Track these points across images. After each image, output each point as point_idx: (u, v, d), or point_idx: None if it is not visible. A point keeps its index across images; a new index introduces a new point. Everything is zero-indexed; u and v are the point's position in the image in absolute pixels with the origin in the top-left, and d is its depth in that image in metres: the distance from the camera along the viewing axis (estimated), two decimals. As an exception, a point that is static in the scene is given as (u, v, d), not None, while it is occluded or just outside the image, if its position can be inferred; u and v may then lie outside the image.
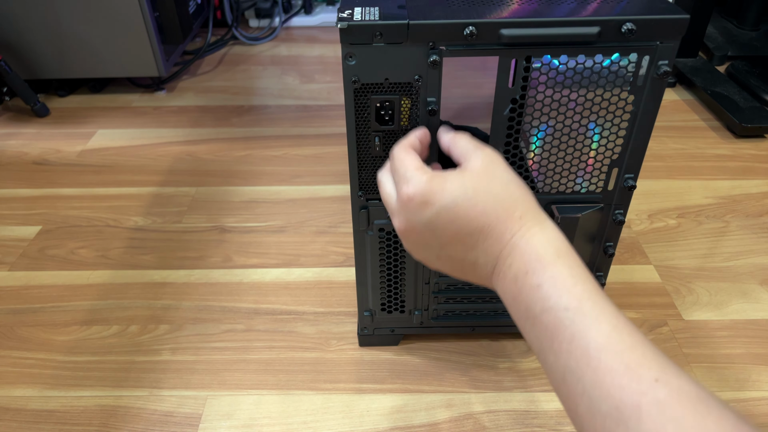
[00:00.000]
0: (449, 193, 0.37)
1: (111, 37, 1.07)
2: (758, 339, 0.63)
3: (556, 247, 0.35)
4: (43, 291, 0.71)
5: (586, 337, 0.31)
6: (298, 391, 0.58)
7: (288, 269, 0.74)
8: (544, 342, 0.33)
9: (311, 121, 1.09)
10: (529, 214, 0.37)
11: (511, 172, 0.38)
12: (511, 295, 0.36)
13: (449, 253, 0.38)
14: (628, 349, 0.30)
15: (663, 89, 0.43)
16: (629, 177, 0.48)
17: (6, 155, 0.99)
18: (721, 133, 1.02)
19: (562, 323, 0.32)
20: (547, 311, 0.33)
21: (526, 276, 0.34)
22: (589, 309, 0.32)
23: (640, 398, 0.28)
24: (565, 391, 0.32)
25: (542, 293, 0.33)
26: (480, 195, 0.36)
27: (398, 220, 0.40)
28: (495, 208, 0.36)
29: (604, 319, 0.31)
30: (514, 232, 0.36)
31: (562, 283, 0.33)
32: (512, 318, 0.36)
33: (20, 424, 0.56)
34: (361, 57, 0.42)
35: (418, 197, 0.37)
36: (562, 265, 0.34)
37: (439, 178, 0.37)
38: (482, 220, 0.36)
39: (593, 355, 0.30)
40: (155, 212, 0.84)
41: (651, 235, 0.78)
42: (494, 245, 0.36)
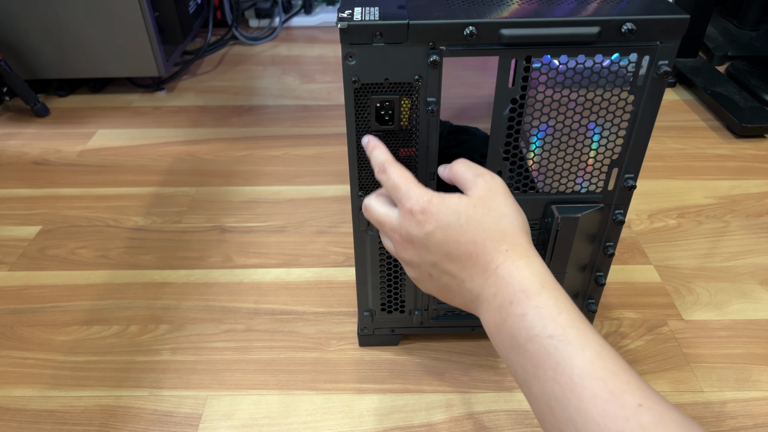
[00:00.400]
0: (444, 216, 0.38)
1: (111, 37, 1.07)
2: (758, 339, 0.63)
3: (540, 280, 0.36)
4: (43, 291, 0.71)
5: (571, 363, 0.32)
6: (298, 391, 0.58)
7: (288, 269, 0.74)
8: (529, 370, 0.34)
9: (311, 121, 1.09)
10: (516, 248, 0.38)
11: (508, 204, 0.40)
12: (495, 324, 0.37)
13: (440, 272, 0.40)
14: (611, 376, 0.31)
15: (663, 89, 0.43)
16: (629, 177, 0.48)
17: (6, 155, 0.99)
18: (721, 133, 1.02)
19: (547, 351, 0.33)
20: (533, 340, 0.34)
21: (510, 306, 0.35)
22: (574, 336, 0.33)
23: (624, 424, 0.29)
24: (551, 419, 0.32)
25: (527, 322, 0.34)
26: (471, 224, 0.38)
27: (397, 234, 0.41)
28: (483, 239, 0.38)
29: (588, 347, 0.32)
30: (498, 263, 0.37)
31: (547, 312, 0.34)
32: (496, 348, 0.37)
33: (20, 424, 0.56)
34: (361, 57, 0.42)
35: (418, 213, 0.39)
36: (547, 295, 0.35)
37: (438, 198, 0.39)
38: (470, 248, 0.38)
39: (577, 382, 0.31)
40: (155, 212, 0.84)
41: (651, 235, 0.78)
42: (480, 274, 0.38)
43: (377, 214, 0.43)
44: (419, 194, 0.40)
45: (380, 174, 0.43)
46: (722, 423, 0.55)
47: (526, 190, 0.49)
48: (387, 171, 0.42)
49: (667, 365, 0.60)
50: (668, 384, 0.58)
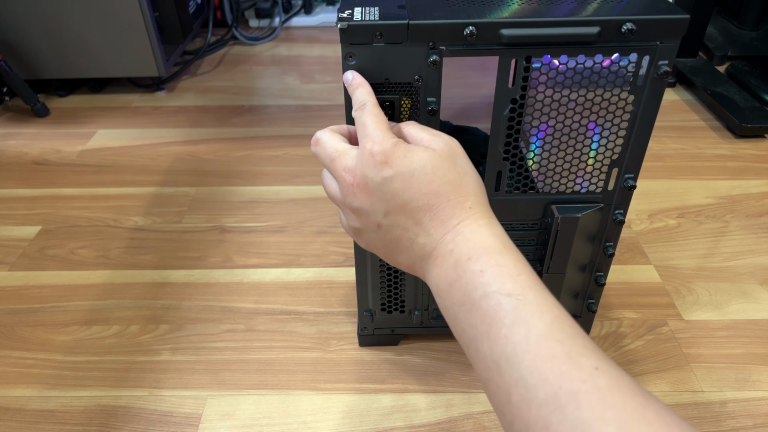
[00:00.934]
0: (409, 162, 0.36)
1: (111, 37, 1.07)
2: (758, 339, 0.63)
3: (502, 241, 0.35)
4: (43, 291, 0.71)
5: (528, 324, 0.31)
6: (298, 391, 0.58)
7: (288, 269, 0.74)
8: (479, 328, 0.32)
9: (311, 121, 1.09)
10: (479, 207, 0.37)
11: (470, 164, 0.38)
12: (446, 281, 0.35)
13: (391, 223, 0.37)
14: (568, 339, 0.30)
15: (663, 89, 0.43)
16: (629, 177, 0.48)
17: (6, 155, 0.99)
18: (721, 133, 1.02)
19: (503, 309, 0.32)
20: (488, 296, 0.32)
21: (468, 261, 0.34)
22: (533, 298, 0.32)
23: (580, 385, 0.28)
24: (497, 380, 0.31)
25: (485, 279, 0.33)
26: (437, 175, 0.36)
27: (350, 175, 0.38)
28: (447, 192, 0.36)
29: (546, 309, 0.31)
30: (461, 219, 0.36)
31: (507, 272, 0.33)
32: (442, 308, 0.36)
33: (20, 424, 0.56)
34: (361, 57, 0.42)
35: (379, 155, 0.36)
36: (508, 256, 0.34)
37: (404, 145, 0.37)
38: (432, 199, 0.36)
39: (533, 341, 0.30)
40: (155, 212, 0.84)
41: (651, 235, 0.78)
42: (438, 228, 0.36)
43: (331, 148, 0.40)
44: (385, 137, 0.37)
45: (357, 111, 0.40)
46: (722, 423, 0.55)
47: (526, 190, 0.49)
48: (365, 109, 0.39)
49: (667, 365, 0.60)
50: (668, 384, 0.58)
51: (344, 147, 0.39)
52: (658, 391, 0.57)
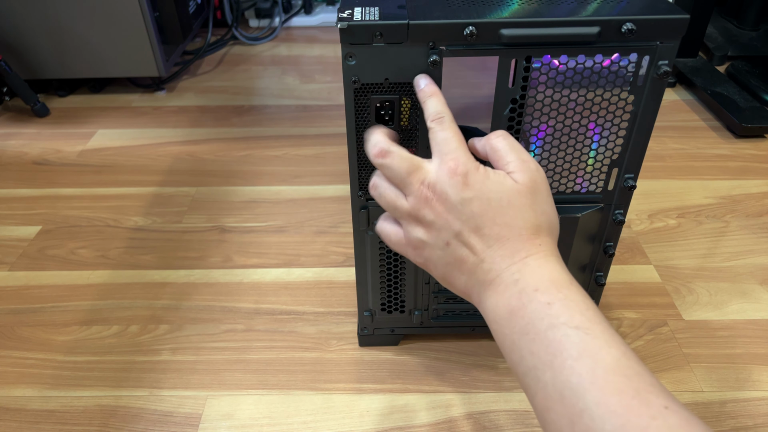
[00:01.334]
0: (488, 190, 0.37)
1: (111, 37, 1.07)
2: (758, 339, 0.63)
3: (569, 277, 0.36)
4: (43, 291, 0.71)
5: (596, 357, 0.31)
6: (298, 391, 0.58)
7: (288, 269, 0.74)
8: (542, 357, 0.32)
9: (311, 121, 1.09)
10: (548, 245, 0.37)
11: (550, 202, 0.39)
12: (507, 308, 0.35)
13: (461, 243, 0.37)
14: (636, 375, 0.30)
15: (663, 89, 0.43)
16: (629, 177, 0.48)
17: (6, 155, 0.99)
18: (721, 133, 1.02)
19: (570, 340, 0.32)
20: (555, 328, 0.33)
21: (535, 292, 0.34)
22: (601, 332, 0.32)
23: (650, 421, 0.28)
24: (558, 409, 0.31)
25: (553, 311, 0.33)
26: (514, 208, 0.37)
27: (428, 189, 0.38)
28: (521, 227, 0.37)
29: (614, 344, 0.32)
30: (530, 253, 0.36)
31: (576, 306, 0.33)
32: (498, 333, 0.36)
33: (20, 424, 0.56)
34: (361, 57, 0.42)
35: (461, 176, 0.37)
36: (576, 290, 0.35)
37: (485, 169, 0.37)
38: (504, 231, 0.36)
39: (600, 374, 0.30)
40: (155, 212, 0.84)
41: (651, 235, 0.78)
42: (506, 257, 0.36)
43: (406, 160, 0.39)
44: (468, 158, 0.37)
45: (435, 122, 0.39)
46: (722, 423, 0.55)
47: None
48: (444, 123, 0.39)
49: (667, 365, 0.60)
50: (668, 384, 0.58)
51: (419, 160, 0.39)
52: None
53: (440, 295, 0.58)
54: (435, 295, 0.58)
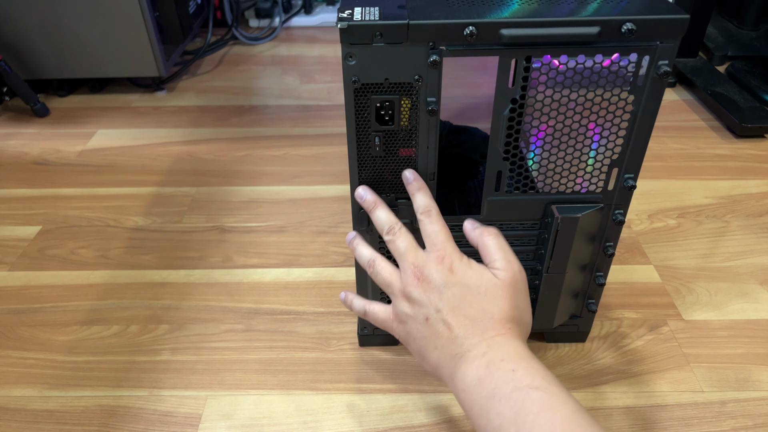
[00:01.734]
0: (468, 278, 0.43)
1: (111, 37, 1.07)
2: (758, 339, 0.63)
3: (531, 353, 0.41)
4: (43, 291, 0.71)
5: (554, 410, 0.36)
6: (298, 391, 0.58)
7: (288, 269, 0.74)
8: (507, 415, 0.37)
9: (311, 121, 1.09)
10: (517, 331, 0.42)
11: (526, 302, 0.44)
12: (476, 376, 0.40)
13: (438, 320, 0.43)
14: (589, 425, 0.35)
15: (663, 89, 0.43)
16: (629, 177, 0.48)
17: (6, 155, 0.99)
18: (721, 133, 1.02)
19: (531, 399, 0.37)
20: (519, 390, 0.37)
21: (502, 362, 0.39)
22: (558, 392, 0.37)
23: None
24: None
25: (517, 376, 0.38)
26: (488, 298, 0.42)
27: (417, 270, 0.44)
28: (492, 313, 0.42)
29: (570, 402, 0.37)
30: (499, 332, 0.41)
31: (536, 371, 0.39)
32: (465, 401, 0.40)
33: (20, 424, 0.56)
34: (361, 57, 0.42)
35: (447, 263, 0.43)
36: (538, 363, 0.40)
37: (468, 261, 0.44)
38: (479, 314, 0.42)
39: (558, 423, 0.35)
40: (155, 212, 0.84)
41: (651, 235, 0.78)
42: (477, 335, 0.41)
43: (407, 242, 0.45)
44: (455, 249, 0.44)
45: (423, 215, 0.45)
46: (722, 423, 0.55)
47: (526, 190, 0.49)
48: (432, 216, 0.45)
49: (667, 365, 0.60)
50: (668, 384, 0.58)
51: (416, 245, 0.46)
52: (658, 391, 0.58)
53: (440, 295, 0.58)
54: (435, 295, 0.58)
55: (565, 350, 0.62)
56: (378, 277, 0.47)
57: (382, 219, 0.47)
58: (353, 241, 0.51)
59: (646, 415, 0.55)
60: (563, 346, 0.62)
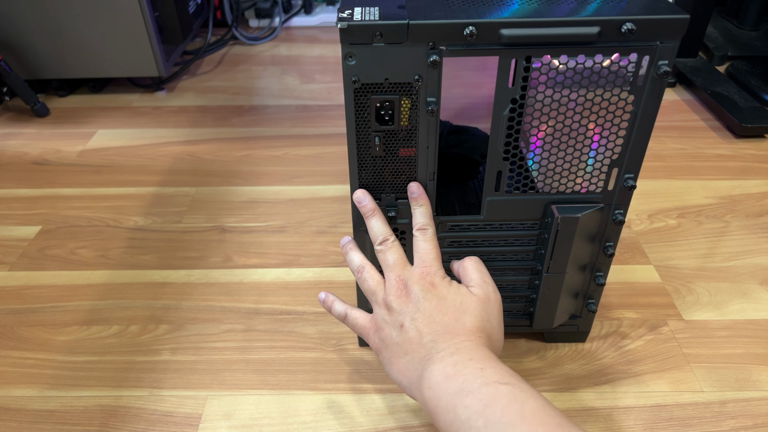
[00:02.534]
0: (446, 293, 0.46)
1: (111, 37, 1.07)
2: (758, 339, 0.63)
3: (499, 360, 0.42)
4: (43, 291, 0.71)
5: (523, 402, 0.37)
6: (298, 391, 0.58)
7: (288, 269, 0.74)
8: (475, 408, 0.38)
9: (311, 121, 1.09)
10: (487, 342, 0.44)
11: (499, 320, 0.47)
12: (443, 374, 0.41)
13: (412, 327, 0.45)
14: (558, 416, 0.37)
15: (663, 89, 0.43)
16: (629, 177, 0.48)
17: (6, 155, 0.99)
18: (721, 133, 1.02)
19: (500, 393, 0.38)
20: (488, 385, 0.39)
21: (469, 361, 0.41)
22: (527, 388, 0.39)
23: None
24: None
25: (485, 373, 0.40)
26: (462, 310, 0.45)
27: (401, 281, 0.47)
28: (464, 323, 0.44)
29: (539, 397, 0.38)
30: (468, 339, 0.43)
31: (504, 370, 0.40)
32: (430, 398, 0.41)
33: (20, 424, 0.56)
34: (361, 57, 0.42)
35: (428, 279, 0.46)
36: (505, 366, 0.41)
37: (449, 281, 0.47)
38: (450, 323, 0.44)
39: (528, 414, 0.36)
40: (155, 212, 0.84)
41: (651, 235, 0.78)
42: (447, 340, 0.43)
43: (396, 256, 0.48)
44: (440, 269, 0.47)
45: (419, 232, 0.48)
46: (722, 423, 0.55)
47: (526, 190, 0.49)
48: (426, 234, 0.48)
49: (667, 365, 0.60)
50: (668, 384, 0.58)
51: (405, 260, 0.48)
52: (658, 391, 0.58)
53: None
54: (435, 295, 0.58)
55: (565, 350, 0.62)
56: (365, 284, 0.49)
57: (377, 229, 0.49)
58: (346, 246, 0.53)
59: (646, 415, 0.55)
60: (563, 346, 0.62)
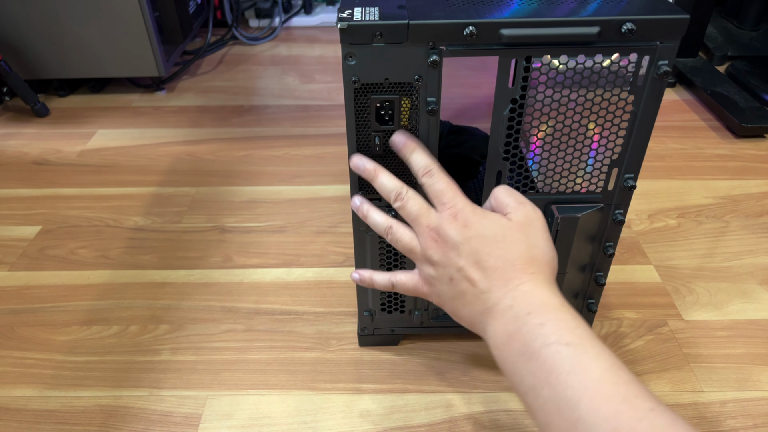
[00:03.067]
0: (484, 227, 0.41)
1: (111, 37, 1.07)
2: (758, 339, 0.63)
3: (560, 300, 0.39)
4: (43, 291, 0.71)
5: (586, 369, 0.34)
6: (298, 391, 0.58)
7: (288, 269, 0.74)
8: (539, 375, 0.35)
9: (311, 121, 1.09)
10: (541, 273, 0.40)
11: (544, 237, 0.42)
12: (505, 333, 0.38)
13: (461, 278, 0.41)
14: (624, 383, 0.33)
15: (663, 89, 0.43)
16: (629, 177, 0.48)
17: (6, 155, 0.99)
18: (721, 133, 1.02)
19: (561, 357, 0.35)
20: (549, 346, 0.36)
21: (528, 315, 0.38)
22: (590, 347, 0.35)
23: (637, 424, 0.31)
24: (557, 421, 0.34)
25: (545, 331, 0.36)
26: (506, 243, 0.41)
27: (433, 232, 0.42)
28: (513, 258, 0.40)
29: (603, 358, 0.35)
30: (522, 281, 0.40)
31: (565, 325, 0.37)
32: (499, 359, 0.39)
33: (20, 424, 0.56)
34: (361, 57, 0.42)
35: (461, 219, 0.41)
36: (566, 311, 0.38)
37: (482, 211, 0.42)
38: (500, 263, 0.40)
39: (590, 385, 0.33)
40: (155, 212, 0.84)
41: (651, 235, 0.78)
42: (501, 287, 0.40)
43: (418, 204, 0.44)
44: (466, 203, 0.42)
45: (425, 177, 0.43)
46: (722, 423, 0.55)
47: (526, 190, 0.49)
48: (434, 175, 0.43)
49: (667, 365, 0.60)
50: (668, 384, 0.58)
51: (427, 206, 0.44)
52: (658, 391, 0.57)
53: (440, 295, 0.58)
54: (435, 295, 0.58)
55: (565, 350, 0.62)
56: (398, 244, 0.45)
57: (389, 185, 0.45)
58: (362, 207, 0.48)
59: (646, 415, 0.55)
60: (563, 346, 0.62)
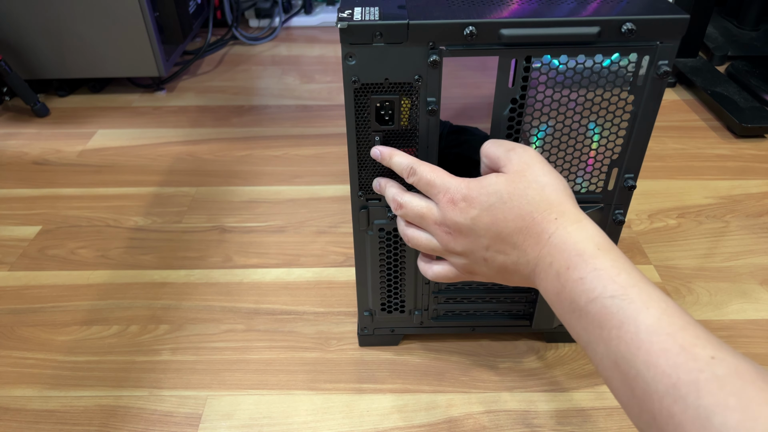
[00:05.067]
0: (485, 198, 0.39)
1: (111, 37, 1.07)
2: (758, 339, 0.63)
3: (596, 242, 0.36)
4: (43, 291, 0.71)
5: (636, 321, 0.31)
6: (298, 391, 0.58)
7: (288, 269, 0.74)
8: (592, 333, 0.33)
9: (311, 121, 1.09)
10: (565, 215, 0.38)
11: (546, 172, 0.39)
12: (554, 292, 0.36)
13: (493, 254, 0.40)
14: (679, 330, 0.30)
15: (663, 89, 0.43)
16: (629, 177, 0.48)
17: (6, 155, 0.99)
18: (721, 133, 1.02)
19: (609, 311, 0.33)
20: (593, 301, 0.33)
21: (567, 271, 0.35)
22: (636, 295, 0.33)
23: (698, 375, 0.28)
24: (618, 377, 0.32)
25: (586, 285, 0.34)
26: (515, 200, 0.38)
27: (443, 227, 0.41)
28: (530, 212, 0.38)
29: (652, 304, 0.32)
30: (551, 232, 0.37)
31: (606, 274, 0.34)
32: (558, 316, 0.37)
33: (20, 424, 0.56)
34: (361, 57, 0.42)
35: (460, 200, 0.40)
36: (604, 257, 0.35)
37: (475, 182, 0.40)
38: (519, 222, 0.38)
39: (644, 338, 0.31)
40: (155, 212, 0.84)
41: (651, 235, 0.78)
42: (533, 246, 0.38)
43: (418, 207, 0.43)
44: (457, 183, 0.40)
45: (410, 177, 0.43)
46: (722, 423, 0.54)
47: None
48: (417, 172, 0.42)
49: (667, 365, 0.60)
50: (668, 384, 0.58)
51: (427, 203, 0.42)
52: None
53: (440, 295, 0.58)
54: (435, 295, 0.58)
55: (565, 350, 0.62)
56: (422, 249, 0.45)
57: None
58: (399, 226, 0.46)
59: (646, 415, 0.55)
60: (563, 346, 0.62)
